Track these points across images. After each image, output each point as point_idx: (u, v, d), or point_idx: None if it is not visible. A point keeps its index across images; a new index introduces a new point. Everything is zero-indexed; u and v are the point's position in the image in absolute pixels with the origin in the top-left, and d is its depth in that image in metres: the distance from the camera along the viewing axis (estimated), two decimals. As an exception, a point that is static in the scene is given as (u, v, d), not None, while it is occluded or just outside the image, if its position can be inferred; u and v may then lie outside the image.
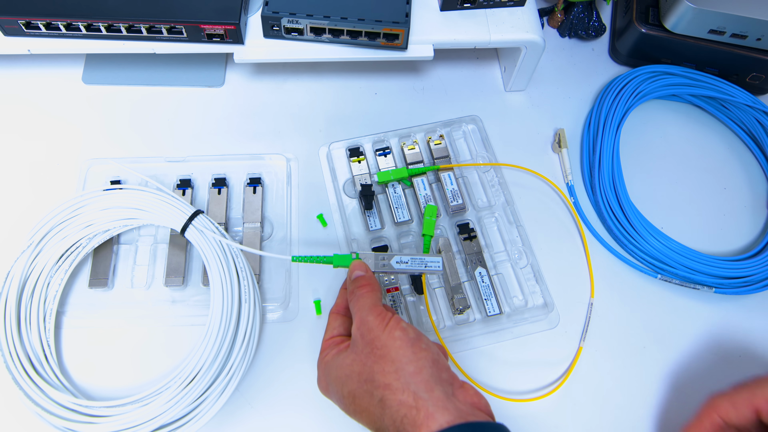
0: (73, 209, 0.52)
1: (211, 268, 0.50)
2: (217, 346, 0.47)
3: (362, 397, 0.39)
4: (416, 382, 0.37)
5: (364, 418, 0.39)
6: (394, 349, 0.39)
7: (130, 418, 0.45)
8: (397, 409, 0.37)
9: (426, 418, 0.35)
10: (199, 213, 0.52)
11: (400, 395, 0.37)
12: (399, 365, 0.38)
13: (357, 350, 0.40)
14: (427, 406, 0.36)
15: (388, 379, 0.38)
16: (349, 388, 0.40)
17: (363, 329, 0.41)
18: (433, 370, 0.38)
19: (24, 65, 0.64)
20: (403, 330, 0.40)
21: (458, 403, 0.37)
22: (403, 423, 0.36)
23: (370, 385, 0.38)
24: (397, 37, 0.54)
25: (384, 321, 0.40)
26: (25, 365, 0.47)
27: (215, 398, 0.47)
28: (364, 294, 0.43)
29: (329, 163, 0.60)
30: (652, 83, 0.64)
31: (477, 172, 0.61)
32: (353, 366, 0.40)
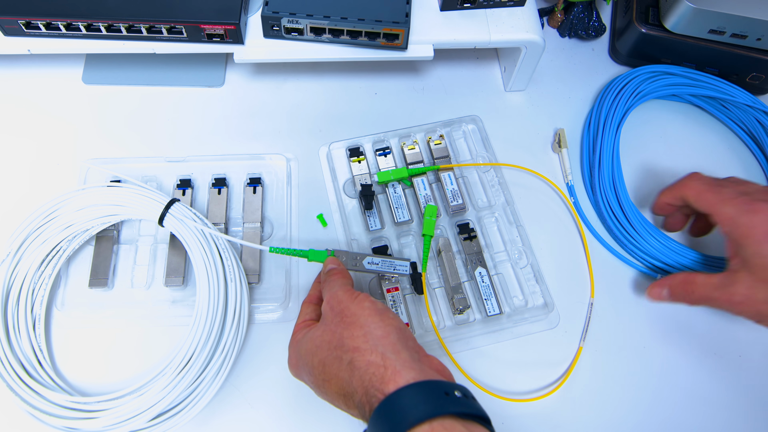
0: (49, 213, 0.52)
1: (192, 251, 0.51)
2: (208, 326, 0.48)
3: (332, 363, 0.40)
4: (384, 344, 0.39)
5: (333, 386, 0.40)
6: (363, 317, 0.40)
7: (129, 408, 0.46)
8: (366, 368, 0.38)
9: (393, 374, 0.37)
10: (175, 201, 0.52)
11: (369, 356, 0.38)
12: (367, 329, 0.40)
13: (327, 322, 0.42)
14: (395, 365, 0.37)
15: (356, 342, 0.39)
16: (319, 357, 0.41)
17: (333, 302, 0.43)
18: (400, 335, 0.40)
19: (24, 65, 0.64)
20: (371, 301, 0.42)
21: (424, 366, 0.39)
22: (371, 381, 0.37)
23: (339, 350, 0.40)
24: (397, 37, 0.54)
25: (353, 294, 0.42)
26: (19, 372, 0.47)
27: (211, 380, 0.48)
28: (336, 279, 0.45)
29: (329, 163, 0.60)
30: (652, 83, 0.64)
31: (477, 172, 0.61)
32: (323, 336, 0.41)
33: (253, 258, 0.55)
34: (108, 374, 0.51)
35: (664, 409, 0.52)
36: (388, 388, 0.36)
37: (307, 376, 0.43)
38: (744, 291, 0.41)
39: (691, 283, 0.46)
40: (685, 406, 0.52)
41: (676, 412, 0.52)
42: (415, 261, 0.54)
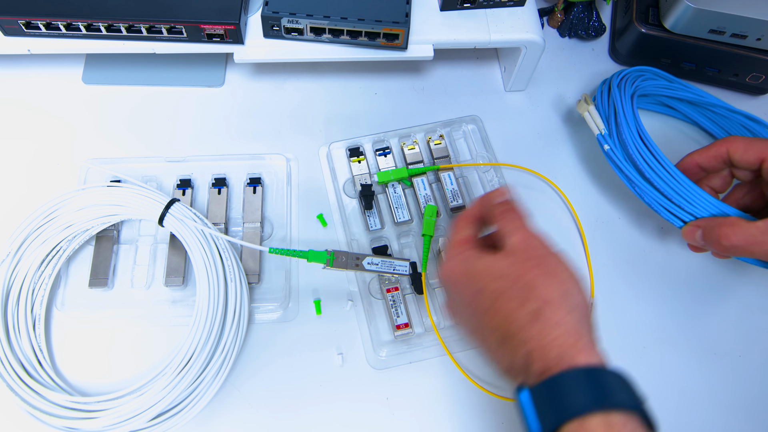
0: (49, 213, 0.52)
1: (192, 251, 0.51)
2: (208, 326, 0.48)
3: (510, 299, 0.37)
4: (580, 312, 0.36)
5: (497, 319, 0.37)
6: (564, 273, 0.37)
7: (129, 408, 0.46)
8: (553, 326, 0.35)
9: (586, 347, 0.34)
10: (175, 201, 0.52)
11: (562, 315, 0.35)
12: (567, 289, 0.36)
13: (517, 257, 0.38)
14: (588, 338, 0.35)
15: (552, 294, 0.36)
16: (497, 285, 0.37)
17: (530, 241, 0.39)
18: (589, 311, 0.37)
19: (24, 65, 0.64)
20: (571, 264, 0.38)
21: None
22: (556, 342, 0.34)
23: (527, 291, 0.36)
24: (397, 37, 0.54)
25: (554, 247, 0.39)
26: (19, 372, 0.47)
27: (211, 380, 0.48)
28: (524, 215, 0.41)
29: (329, 163, 0.60)
30: (644, 81, 0.62)
31: (477, 172, 0.61)
32: (510, 268, 0.38)
33: (253, 258, 0.55)
34: (108, 374, 0.51)
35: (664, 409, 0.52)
36: (579, 358, 0.34)
37: (468, 294, 0.39)
38: None
39: (730, 225, 0.41)
40: (685, 406, 0.52)
41: (676, 412, 0.52)
42: (415, 261, 0.54)
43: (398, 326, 0.52)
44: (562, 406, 0.33)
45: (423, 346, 0.52)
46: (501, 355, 0.37)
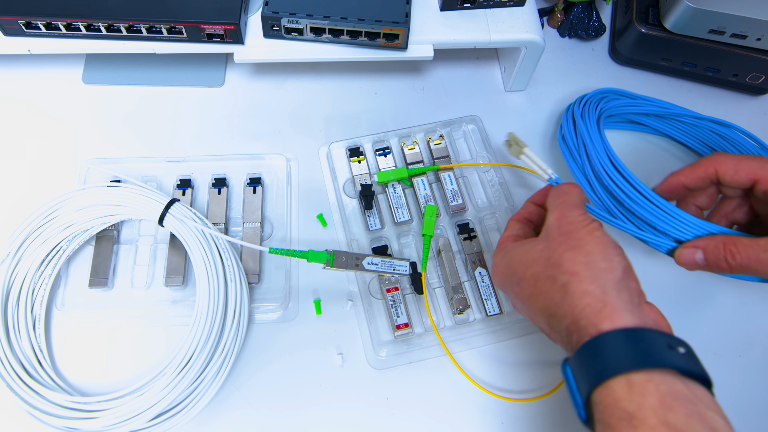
0: (49, 213, 0.52)
1: (192, 251, 0.51)
2: (208, 326, 0.48)
3: (545, 280, 0.38)
4: (606, 278, 0.36)
5: (540, 301, 0.38)
6: (591, 244, 0.37)
7: (129, 408, 0.46)
8: (581, 297, 0.35)
9: (612, 312, 0.34)
10: (175, 201, 0.52)
11: (587, 285, 0.36)
12: (591, 258, 0.37)
13: (550, 238, 0.39)
14: (615, 303, 0.35)
15: (576, 267, 0.37)
16: (533, 270, 0.39)
17: (563, 221, 0.39)
18: (625, 275, 0.37)
19: (24, 65, 0.64)
20: (603, 232, 0.38)
21: (643, 314, 0.36)
22: (584, 312, 0.35)
23: (555, 269, 0.37)
24: (397, 37, 0.54)
25: (588, 219, 0.39)
26: (19, 372, 0.47)
27: (211, 380, 0.48)
28: (572, 191, 0.41)
29: (329, 163, 0.60)
30: (607, 102, 0.61)
31: (477, 172, 0.61)
32: (542, 252, 0.39)
33: (253, 258, 0.55)
34: (108, 374, 0.51)
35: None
36: (604, 325, 0.34)
37: (514, 286, 0.41)
38: None
39: (733, 244, 0.40)
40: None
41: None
42: (415, 261, 0.54)
43: (398, 326, 0.52)
44: (589, 373, 0.34)
45: (423, 346, 0.52)
46: (554, 334, 0.38)
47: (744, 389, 0.53)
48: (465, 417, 0.51)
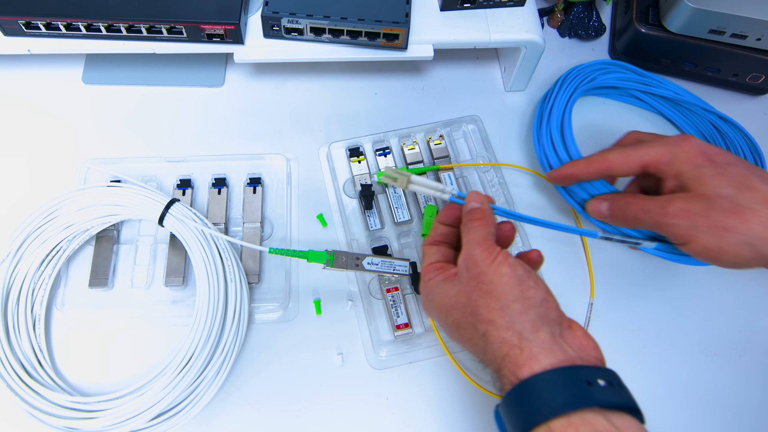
0: (49, 213, 0.52)
1: (192, 251, 0.51)
2: (208, 326, 0.48)
3: (466, 328, 0.38)
4: (522, 321, 0.36)
5: (467, 346, 0.39)
6: (501, 286, 0.37)
7: (129, 408, 0.46)
8: (499, 346, 0.35)
9: (529, 358, 0.34)
10: (175, 201, 0.52)
11: (504, 333, 0.35)
12: (504, 303, 0.36)
13: (462, 282, 0.39)
14: (531, 347, 0.34)
15: (492, 315, 0.36)
16: (453, 317, 0.39)
17: (469, 262, 0.39)
18: (541, 309, 0.37)
19: (24, 65, 0.64)
20: (511, 266, 0.38)
21: (565, 345, 0.36)
22: (504, 361, 0.35)
23: (473, 318, 0.37)
24: (397, 37, 0.54)
25: (491, 255, 0.38)
26: (19, 372, 0.47)
27: (211, 380, 0.48)
28: (476, 227, 0.41)
29: (329, 163, 0.60)
30: (604, 74, 0.63)
31: (477, 172, 0.61)
32: (458, 297, 0.39)
33: (253, 258, 0.55)
34: (108, 374, 0.51)
35: (664, 409, 0.52)
36: (522, 372, 0.34)
37: (441, 327, 0.41)
38: (680, 204, 0.40)
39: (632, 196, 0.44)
40: (685, 406, 0.52)
41: (676, 412, 0.52)
42: (415, 261, 0.54)
43: (398, 326, 0.52)
44: (514, 424, 0.34)
45: (423, 346, 0.52)
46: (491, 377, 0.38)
47: (744, 389, 0.53)
48: (465, 417, 0.51)
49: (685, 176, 0.41)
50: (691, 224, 0.39)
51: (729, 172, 0.39)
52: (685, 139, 0.42)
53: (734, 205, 0.38)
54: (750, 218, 0.38)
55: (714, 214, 0.38)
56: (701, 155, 0.41)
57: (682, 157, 0.41)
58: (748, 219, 0.38)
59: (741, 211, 0.38)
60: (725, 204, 0.38)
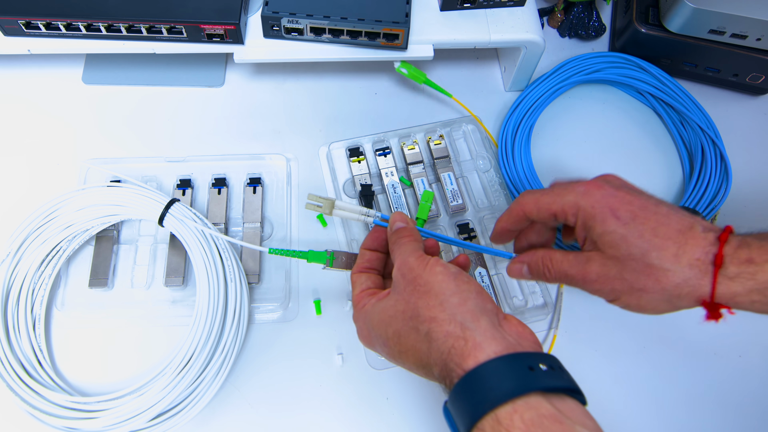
0: (49, 213, 0.52)
1: (192, 251, 0.51)
2: (208, 326, 0.48)
3: (408, 334, 0.38)
4: (462, 312, 0.36)
5: (410, 358, 0.38)
6: (437, 283, 0.38)
7: (129, 408, 0.46)
8: (444, 340, 0.36)
9: (473, 348, 0.35)
10: (175, 201, 0.52)
11: (447, 326, 0.36)
12: (443, 297, 0.37)
13: (399, 290, 0.40)
14: (474, 336, 0.35)
15: (433, 312, 0.37)
16: (394, 327, 0.39)
17: (404, 269, 0.40)
18: (478, 300, 0.37)
19: (24, 65, 0.64)
20: (443, 266, 0.39)
21: (505, 333, 0.36)
22: (450, 354, 0.35)
23: (415, 320, 0.37)
24: (397, 37, 0.54)
25: (425, 260, 0.40)
26: (19, 372, 0.47)
27: (211, 380, 0.48)
28: (406, 242, 0.42)
29: (329, 163, 0.60)
30: (613, 68, 0.64)
31: (477, 172, 0.61)
32: (396, 306, 0.39)
33: (253, 258, 0.55)
34: (108, 374, 0.51)
35: (664, 409, 0.52)
36: (468, 363, 0.34)
37: (380, 347, 0.41)
38: (597, 269, 0.40)
39: (549, 259, 0.44)
40: (685, 406, 0.52)
41: (675, 412, 0.52)
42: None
43: (398, 326, 0.52)
44: (463, 416, 0.34)
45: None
46: (432, 380, 0.38)
47: (744, 389, 0.53)
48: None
49: (593, 232, 0.40)
50: (610, 288, 0.40)
51: (636, 231, 0.39)
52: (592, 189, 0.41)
53: (645, 266, 0.39)
54: (662, 278, 0.38)
55: (629, 276, 0.39)
56: (607, 210, 0.40)
57: (589, 212, 0.41)
58: (660, 279, 0.38)
59: (652, 272, 0.38)
60: (637, 266, 0.39)
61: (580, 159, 0.63)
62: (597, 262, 0.40)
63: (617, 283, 0.40)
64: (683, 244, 0.38)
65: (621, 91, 0.67)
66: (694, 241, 0.38)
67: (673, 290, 0.38)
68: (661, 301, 0.39)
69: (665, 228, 0.39)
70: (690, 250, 0.38)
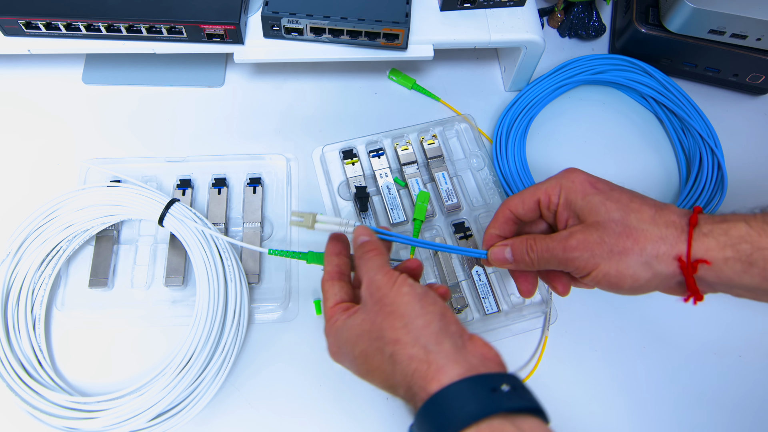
0: (49, 213, 0.52)
1: (192, 251, 0.51)
2: (208, 326, 0.48)
3: (373, 355, 0.38)
4: (425, 335, 0.37)
5: (377, 377, 0.39)
6: (403, 305, 0.38)
7: (128, 408, 0.46)
8: (408, 363, 0.36)
9: (437, 371, 0.35)
10: (175, 201, 0.52)
11: (410, 349, 0.36)
12: (408, 320, 0.38)
13: (367, 309, 0.40)
14: (438, 359, 0.36)
15: (397, 334, 0.37)
16: (361, 347, 0.39)
17: (371, 288, 0.40)
18: (442, 323, 0.38)
19: (24, 65, 0.64)
20: (410, 286, 0.39)
21: (468, 355, 0.37)
22: (414, 377, 0.36)
23: (380, 342, 0.38)
24: (397, 37, 0.54)
25: (392, 279, 0.40)
26: (19, 372, 0.47)
27: (211, 380, 0.48)
28: (372, 257, 0.42)
29: (323, 166, 0.60)
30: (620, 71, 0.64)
31: (471, 171, 0.61)
32: (363, 325, 0.39)
33: (253, 258, 0.55)
34: (108, 374, 0.51)
35: (665, 409, 0.52)
36: (432, 387, 0.35)
37: (349, 364, 0.41)
38: (579, 236, 0.41)
39: (533, 239, 0.44)
40: (685, 406, 0.52)
41: (675, 412, 0.52)
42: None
43: (398, 326, 0.52)
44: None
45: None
46: (403, 402, 0.38)
47: (743, 389, 0.53)
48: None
49: (575, 205, 0.42)
50: (590, 254, 0.41)
51: (614, 197, 0.41)
52: (570, 171, 0.44)
53: (625, 227, 0.40)
54: (640, 238, 0.40)
55: (609, 240, 0.40)
56: (587, 183, 0.42)
57: (570, 187, 0.43)
58: (639, 239, 0.40)
59: (632, 233, 0.40)
60: (617, 228, 0.40)
61: (576, 158, 0.63)
62: (579, 231, 0.41)
63: (598, 248, 0.40)
64: (660, 209, 0.41)
65: (624, 94, 0.67)
66: (669, 209, 0.41)
67: (651, 250, 0.39)
68: (640, 265, 0.40)
69: (641, 198, 0.42)
70: (666, 214, 0.40)
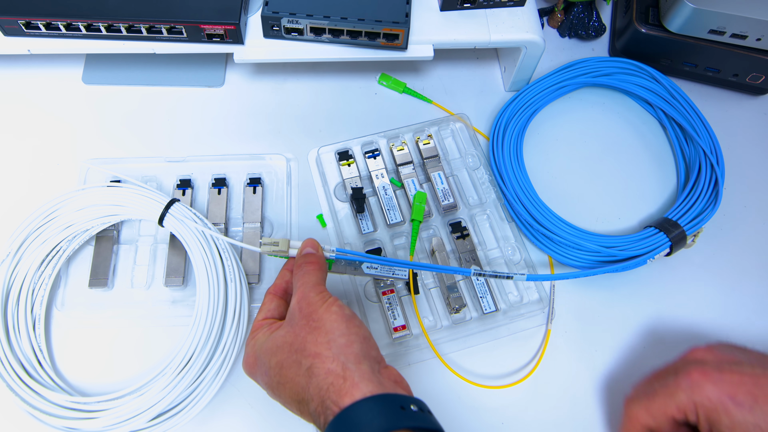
0: (49, 213, 0.52)
1: (192, 251, 0.51)
2: (208, 326, 0.48)
3: (290, 366, 0.39)
4: (346, 353, 0.38)
5: (287, 390, 0.40)
6: (329, 322, 0.40)
7: (128, 408, 0.46)
8: (325, 377, 0.37)
9: (351, 387, 0.37)
10: (175, 201, 0.52)
11: (329, 364, 0.38)
12: (332, 336, 0.39)
13: (293, 323, 0.41)
14: (354, 377, 0.37)
15: (319, 348, 0.39)
16: (278, 358, 0.40)
17: (302, 303, 0.42)
18: (363, 345, 0.40)
19: (24, 65, 0.64)
20: (340, 307, 0.41)
21: (383, 378, 0.39)
22: (328, 391, 0.37)
23: (300, 354, 0.39)
24: (397, 37, 0.54)
25: (324, 299, 0.42)
26: (18, 372, 0.47)
27: (211, 380, 0.48)
28: (311, 271, 0.44)
29: (318, 168, 0.60)
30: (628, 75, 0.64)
31: (467, 171, 0.61)
32: (286, 337, 0.41)
33: (253, 258, 0.55)
34: (108, 374, 0.51)
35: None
36: (344, 401, 0.36)
37: (261, 376, 0.42)
38: None
39: None
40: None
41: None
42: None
43: (395, 328, 0.52)
44: None
45: (421, 347, 0.52)
46: (304, 417, 0.39)
47: (743, 389, 0.53)
48: (465, 416, 0.51)
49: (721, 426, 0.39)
50: None
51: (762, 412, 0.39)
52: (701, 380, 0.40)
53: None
54: None
55: None
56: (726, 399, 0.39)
57: (708, 407, 0.40)
58: None
59: None
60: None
61: (574, 159, 0.63)
62: None
63: None
64: None
65: (627, 98, 0.66)
66: None
67: None
68: None
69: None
70: None
